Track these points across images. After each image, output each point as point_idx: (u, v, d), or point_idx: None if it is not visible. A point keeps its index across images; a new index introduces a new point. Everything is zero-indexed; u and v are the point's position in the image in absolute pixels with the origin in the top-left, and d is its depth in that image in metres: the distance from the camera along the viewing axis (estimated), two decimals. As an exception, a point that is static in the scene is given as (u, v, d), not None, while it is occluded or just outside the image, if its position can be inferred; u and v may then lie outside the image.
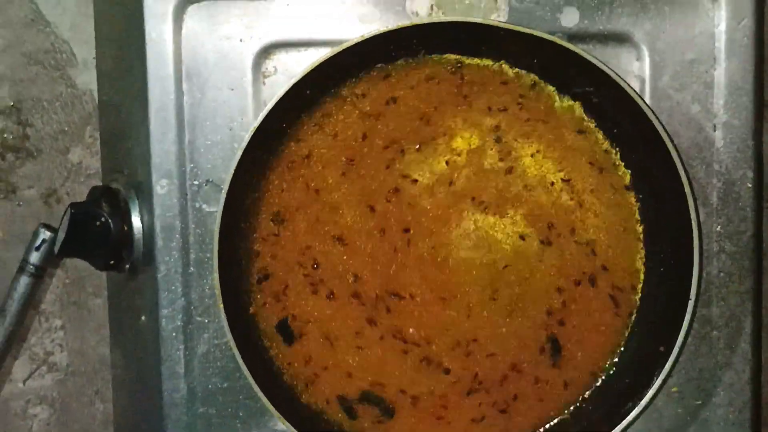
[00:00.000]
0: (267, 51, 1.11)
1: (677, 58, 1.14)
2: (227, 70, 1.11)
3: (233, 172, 1.06)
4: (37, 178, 1.33)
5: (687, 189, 1.08)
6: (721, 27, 1.14)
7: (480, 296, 1.14)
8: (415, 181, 1.13)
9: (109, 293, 1.32)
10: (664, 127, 1.08)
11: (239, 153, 1.06)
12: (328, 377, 1.14)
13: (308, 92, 1.10)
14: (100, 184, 1.22)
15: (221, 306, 1.07)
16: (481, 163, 1.13)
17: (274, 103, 1.06)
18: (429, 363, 1.14)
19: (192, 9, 1.09)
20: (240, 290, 1.12)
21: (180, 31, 1.10)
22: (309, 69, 1.06)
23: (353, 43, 1.06)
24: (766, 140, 1.18)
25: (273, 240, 1.12)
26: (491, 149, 1.13)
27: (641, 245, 1.15)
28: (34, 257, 1.18)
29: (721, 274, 1.15)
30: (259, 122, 1.06)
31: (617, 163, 1.14)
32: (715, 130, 1.14)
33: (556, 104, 1.13)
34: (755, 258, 1.16)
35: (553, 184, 1.14)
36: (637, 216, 1.15)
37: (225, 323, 1.08)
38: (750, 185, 1.15)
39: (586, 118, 1.14)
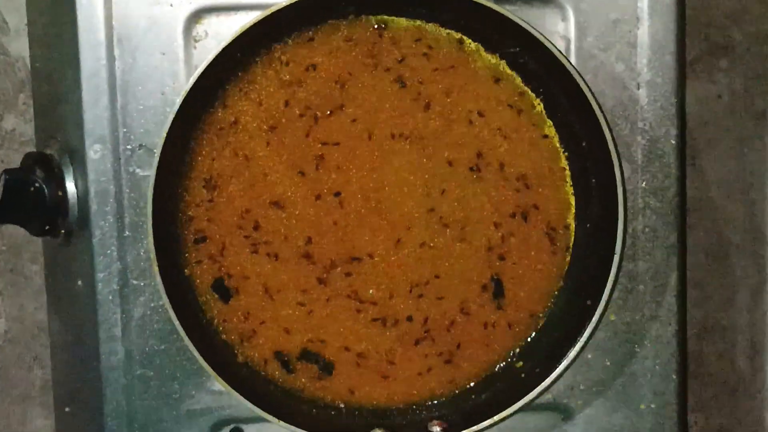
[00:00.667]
0: (197, 15, 1.12)
1: (601, 18, 1.15)
2: (158, 34, 1.11)
3: (165, 135, 1.07)
4: (-30, 146, 1.32)
5: (611, 147, 1.09)
6: (645, -22, 1.15)
7: (428, 230, 1.15)
8: (337, 144, 1.14)
9: (45, 259, 1.32)
10: (588, 86, 1.10)
11: (171, 117, 1.07)
12: (266, 332, 1.15)
13: (239, 56, 1.10)
14: (35, 150, 1.21)
15: (155, 267, 1.07)
16: (394, 107, 1.14)
17: (204, 67, 1.06)
18: (380, 319, 1.15)
19: (122, -27, 1.10)
20: (175, 252, 1.13)
21: (110, -4, 1.09)
22: (238, 33, 1.06)
23: (282, 5, 1.06)
24: (688, 98, 1.19)
25: (207, 205, 1.13)
26: (399, 97, 1.14)
27: (570, 192, 1.17)
28: None
29: (647, 230, 1.17)
30: (189, 86, 1.06)
31: (537, 107, 1.15)
32: (639, 89, 1.15)
33: (479, 63, 1.14)
34: (679, 213, 1.18)
35: (471, 122, 1.15)
36: (564, 164, 1.16)
37: (159, 284, 1.08)
38: (674, 142, 1.16)
39: (505, 69, 1.15)
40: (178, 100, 1.07)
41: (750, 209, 1.49)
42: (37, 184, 1.12)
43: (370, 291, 1.15)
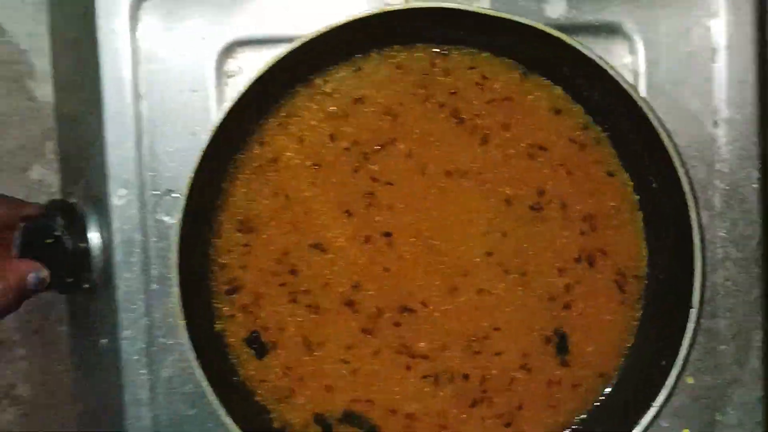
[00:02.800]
0: (230, 49, 1.05)
1: (673, 50, 1.07)
2: (188, 70, 1.04)
3: (193, 177, 0.99)
4: (-4, 197, 1.25)
5: (686, 188, 1.01)
6: (720, 16, 1.06)
7: (486, 275, 1.06)
8: (388, 182, 1.05)
9: (69, 318, 1.25)
10: (660, 120, 1.01)
11: (199, 155, 0.99)
12: (305, 391, 1.07)
13: (275, 88, 1.03)
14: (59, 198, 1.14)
15: (182, 323, 0.99)
16: (449, 141, 1.06)
17: (235, 101, 0.99)
18: (432, 376, 1.06)
19: (148, 5, 1.04)
20: (206, 305, 1.05)
21: (136, 29, 1.03)
22: (272, 62, 0.99)
23: (320, 32, 0.99)
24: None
25: (242, 250, 1.05)
26: (454, 131, 1.06)
27: (641, 237, 1.08)
28: None
29: (728, 283, 1.07)
30: (219, 122, 0.99)
31: (601, 142, 1.07)
32: (716, 127, 1.06)
33: (537, 94, 1.07)
34: (764, 265, 1.08)
35: (531, 157, 1.06)
36: (633, 205, 1.07)
37: (187, 342, 1.00)
38: (756, 186, 1.07)
39: (567, 100, 1.07)
40: (207, 137, 0.99)
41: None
42: (57, 233, 1.04)
43: (422, 344, 1.07)
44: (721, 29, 1.06)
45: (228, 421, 1.00)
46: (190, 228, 1.00)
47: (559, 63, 1.04)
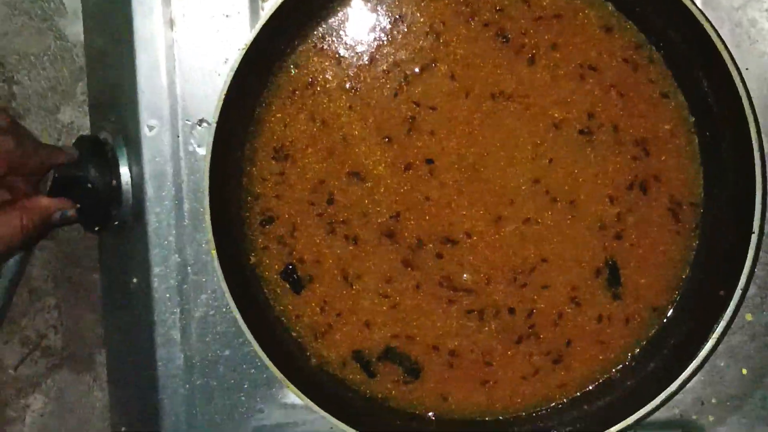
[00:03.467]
0: (266, -30, 1.01)
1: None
2: (221, -6, 1.00)
3: (223, 101, 0.95)
4: (26, 140, 1.22)
5: (747, 110, 0.96)
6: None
7: (533, 204, 1.02)
8: (430, 106, 1.01)
9: (100, 261, 1.22)
10: (720, 36, 0.95)
11: (228, 78, 0.95)
12: (343, 327, 1.03)
13: (307, 6, 0.99)
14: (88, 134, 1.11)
15: (214, 253, 0.96)
16: (494, 62, 1.02)
17: (266, 19, 0.95)
18: (476, 311, 1.03)
19: (180, -75, 0.99)
20: (239, 238, 1.02)
21: (168, -47, 0.99)
22: None
23: None
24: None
25: (277, 179, 1.02)
26: (499, 51, 1.01)
27: (698, 162, 1.03)
28: None
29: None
30: (250, 42, 0.95)
31: (656, 61, 1.02)
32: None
33: (588, 11, 1.02)
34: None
35: (582, 78, 1.01)
36: (690, 128, 1.02)
37: (220, 274, 0.96)
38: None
39: (619, 18, 1.02)
40: (238, 57, 0.95)
41: None
42: (89, 184, 1.02)
43: (465, 276, 1.03)
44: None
45: (264, 357, 0.97)
46: (223, 156, 0.97)
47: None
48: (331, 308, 1.02)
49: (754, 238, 0.96)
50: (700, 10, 0.97)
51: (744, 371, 1.03)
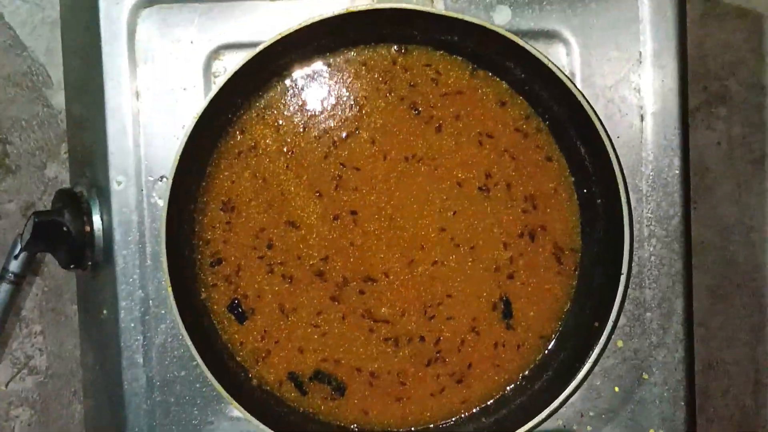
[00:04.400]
0: (217, 52, 0.98)
1: (605, 53, 1.00)
2: (179, 71, 0.97)
3: (178, 159, 0.93)
4: (17, 192, 1.20)
5: (618, 174, 0.96)
6: (646, 21, 1.00)
7: (440, 249, 1.00)
8: (354, 167, 0.99)
9: (77, 294, 1.18)
10: (594, 110, 0.95)
11: (183, 141, 0.93)
12: (280, 352, 1.00)
13: (249, 83, 0.97)
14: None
15: (169, 289, 0.94)
16: (408, 130, 1.00)
17: (214, 93, 0.93)
18: (392, 338, 1.00)
19: (145, 13, 0.97)
20: (191, 277, 0.99)
21: (134, 35, 0.97)
22: (246, 60, 0.93)
23: (292, 30, 0.93)
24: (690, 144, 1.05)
25: (224, 227, 0.99)
26: (412, 121, 1.00)
27: (577, 214, 1.02)
28: (13, 265, 1.07)
29: (653, 258, 1.01)
30: (200, 112, 0.93)
31: (542, 130, 1.01)
32: (642, 121, 1.00)
33: (485, 88, 1.00)
34: (684, 242, 1.02)
35: (480, 144, 1.00)
36: (569, 186, 1.01)
37: (173, 306, 0.94)
38: (677, 172, 1.01)
39: (511, 93, 1.01)
40: (189, 125, 0.94)
41: (750, 251, 1.33)
42: (65, 228, 0.98)
43: (383, 310, 1.00)
44: (647, 32, 1.00)
45: (210, 376, 0.95)
46: (178, 207, 0.95)
47: (504, 60, 0.99)
48: (270, 336, 0.99)
49: (622, 278, 0.96)
50: (578, 88, 0.96)
51: (616, 389, 1.02)
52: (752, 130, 1.33)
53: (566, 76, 0.96)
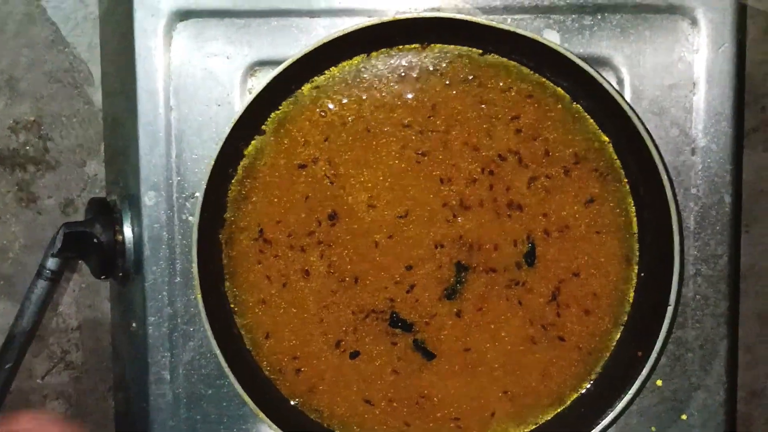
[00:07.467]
0: (252, 68, 0.93)
1: (657, 82, 0.95)
2: (214, 86, 0.93)
3: (207, 179, 0.90)
4: (56, 188, 1.17)
5: (672, 208, 0.91)
6: (701, 53, 0.94)
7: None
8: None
9: (111, 298, 1.16)
10: (653, 141, 0.91)
11: (212, 162, 0.89)
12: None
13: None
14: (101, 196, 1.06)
15: (208, 326, 0.91)
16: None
17: (243, 109, 0.90)
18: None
19: (180, 26, 0.92)
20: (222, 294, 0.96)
21: (169, 48, 0.92)
22: (274, 75, 0.90)
23: (332, 37, 0.89)
24: (744, 167, 0.98)
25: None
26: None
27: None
28: (51, 263, 1.02)
29: (697, 297, 0.96)
30: (230, 129, 0.90)
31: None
32: (693, 155, 0.94)
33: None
34: (731, 282, 0.96)
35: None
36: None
37: (212, 341, 0.91)
38: (727, 210, 0.95)
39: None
40: (220, 143, 0.90)
41: (802, 277, 1.26)
42: (95, 239, 0.95)
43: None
44: (702, 64, 0.94)
45: (246, 398, 0.92)
46: (209, 227, 0.91)
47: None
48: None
49: (669, 309, 0.92)
50: (636, 114, 0.90)
51: (653, 429, 0.97)
52: (811, 153, 1.25)
53: (622, 96, 0.91)
